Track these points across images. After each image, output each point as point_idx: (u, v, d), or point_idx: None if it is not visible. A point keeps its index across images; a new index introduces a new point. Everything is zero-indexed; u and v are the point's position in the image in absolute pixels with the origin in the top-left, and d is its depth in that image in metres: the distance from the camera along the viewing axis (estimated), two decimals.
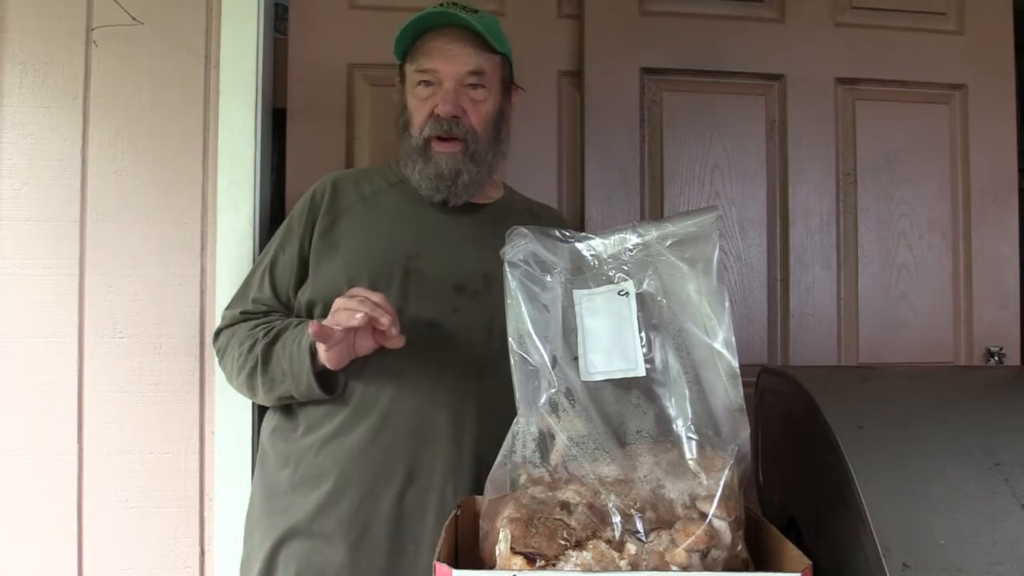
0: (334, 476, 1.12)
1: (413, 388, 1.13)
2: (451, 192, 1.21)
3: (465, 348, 1.15)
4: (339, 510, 1.11)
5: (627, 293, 0.82)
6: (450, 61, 1.18)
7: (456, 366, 1.14)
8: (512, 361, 0.81)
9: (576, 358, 0.81)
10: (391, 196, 1.25)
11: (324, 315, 1.15)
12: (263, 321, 1.20)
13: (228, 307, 1.27)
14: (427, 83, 1.20)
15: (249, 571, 1.18)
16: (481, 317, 1.15)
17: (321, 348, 1.05)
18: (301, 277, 1.22)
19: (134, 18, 1.46)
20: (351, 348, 1.05)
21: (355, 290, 1.03)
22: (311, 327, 0.99)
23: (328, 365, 1.06)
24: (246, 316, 1.23)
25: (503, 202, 1.32)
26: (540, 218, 1.32)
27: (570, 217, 1.65)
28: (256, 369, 1.15)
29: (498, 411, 1.11)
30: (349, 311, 1.00)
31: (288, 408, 1.19)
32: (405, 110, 1.24)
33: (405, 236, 1.20)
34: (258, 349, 1.15)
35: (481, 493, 0.84)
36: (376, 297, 1.01)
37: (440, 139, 1.19)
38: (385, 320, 0.99)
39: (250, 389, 1.19)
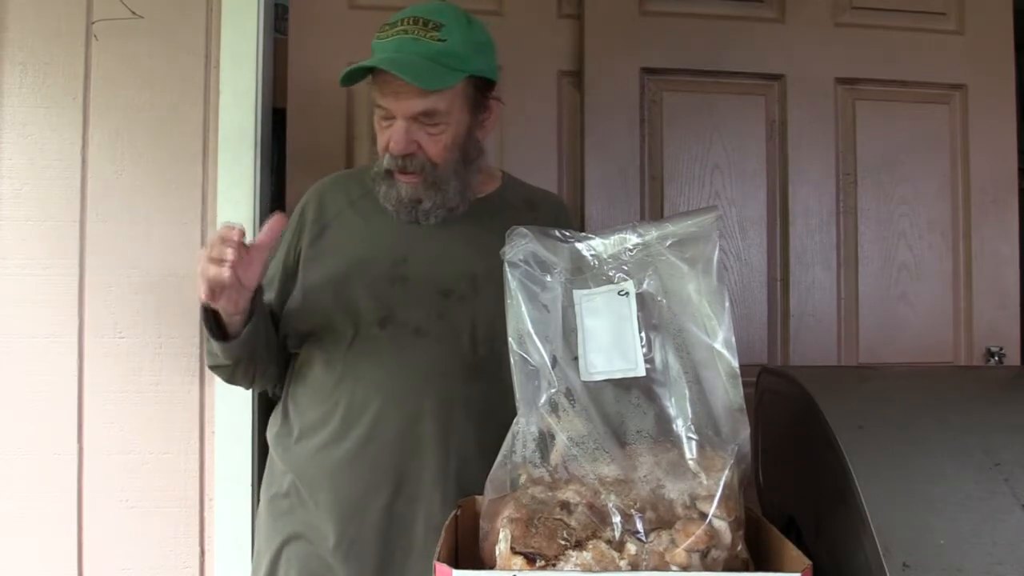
0: (326, 486, 1.13)
1: (400, 397, 1.12)
2: (413, 216, 1.18)
3: (451, 355, 1.14)
4: (331, 521, 1.12)
5: (627, 293, 0.82)
6: (399, 101, 1.11)
7: (442, 373, 1.13)
8: (512, 361, 0.81)
9: (576, 358, 0.81)
10: (377, 200, 1.22)
11: (313, 327, 1.15)
12: None
13: None
14: (385, 115, 1.15)
15: (258, 568, 1.20)
16: (467, 322, 1.15)
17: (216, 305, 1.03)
18: (284, 290, 1.20)
19: (133, 12, 1.46)
20: (237, 287, 1.02)
21: (212, 240, 0.99)
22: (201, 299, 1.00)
23: (226, 315, 1.05)
24: None
25: (498, 194, 1.28)
26: (538, 207, 1.29)
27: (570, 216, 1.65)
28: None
29: (486, 418, 1.11)
30: (215, 266, 0.97)
31: (285, 414, 1.19)
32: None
33: (391, 241, 1.18)
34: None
35: None
36: (227, 238, 0.97)
37: (400, 171, 1.16)
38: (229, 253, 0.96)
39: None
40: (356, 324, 1.14)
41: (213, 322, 1.07)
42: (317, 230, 1.21)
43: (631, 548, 0.72)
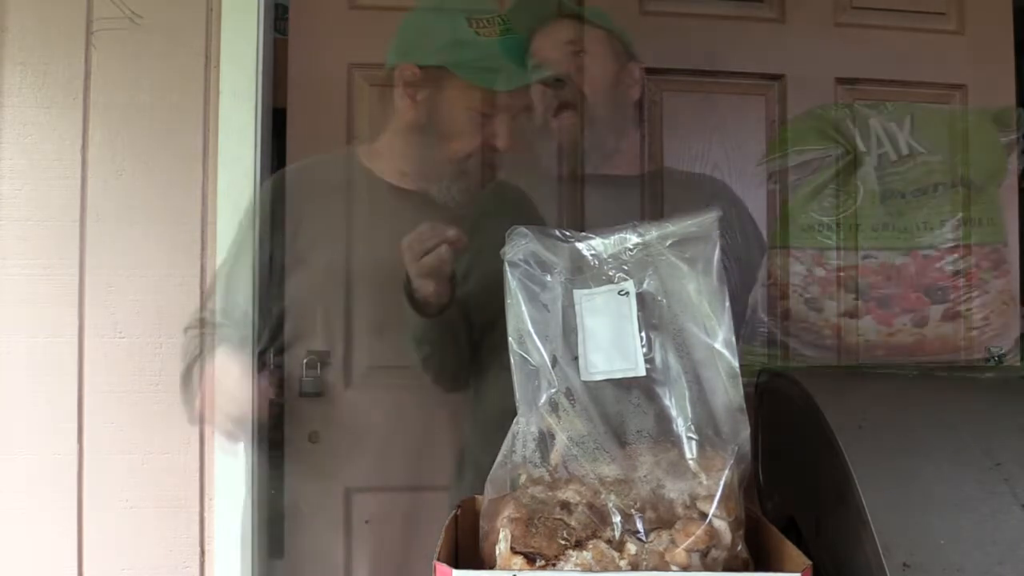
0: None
1: (411, 395, 1.12)
2: None
3: (459, 348, 1.14)
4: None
5: (627, 293, 0.82)
6: None
7: (453, 367, 1.13)
8: (512, 361, 0.81)
9: (576, 358, 0.81)
10: (357, 190, 1.22)
11: (293, 326, 1.14)
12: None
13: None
14: None
15: None
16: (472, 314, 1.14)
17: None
18: (261, 285, 1.20)
19: (133, 13, 1.46)
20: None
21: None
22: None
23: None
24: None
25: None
26: (521, 205, 1.33)
27: (570, 216, 1.65)
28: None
29: (496, 413, 1.11)
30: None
31: None
32: None
33: (378, 236, 1.18)
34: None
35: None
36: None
37: None
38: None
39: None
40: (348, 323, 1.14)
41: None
42: (292, 228, 1.19)
43: (631, 548, 0.72)
